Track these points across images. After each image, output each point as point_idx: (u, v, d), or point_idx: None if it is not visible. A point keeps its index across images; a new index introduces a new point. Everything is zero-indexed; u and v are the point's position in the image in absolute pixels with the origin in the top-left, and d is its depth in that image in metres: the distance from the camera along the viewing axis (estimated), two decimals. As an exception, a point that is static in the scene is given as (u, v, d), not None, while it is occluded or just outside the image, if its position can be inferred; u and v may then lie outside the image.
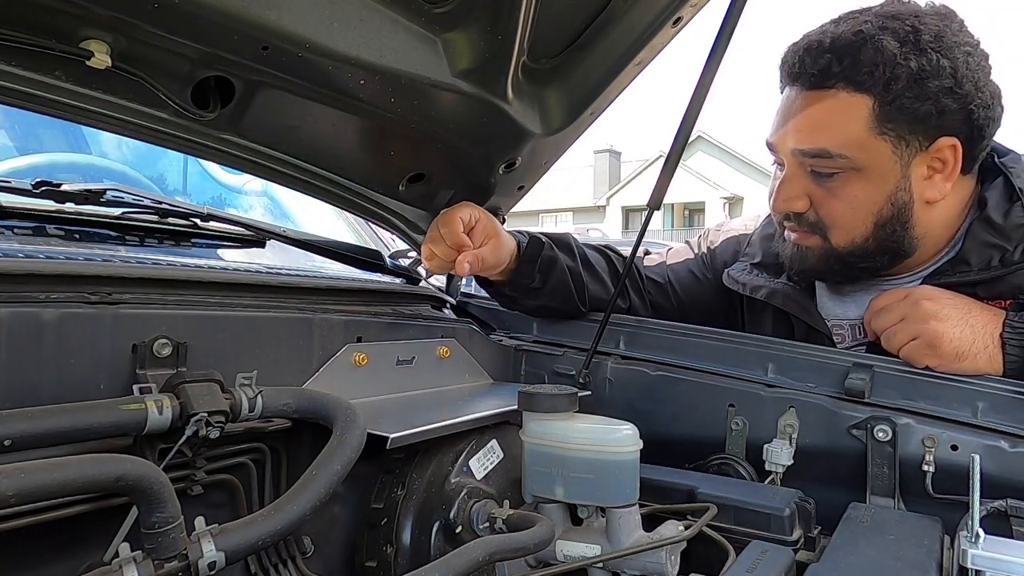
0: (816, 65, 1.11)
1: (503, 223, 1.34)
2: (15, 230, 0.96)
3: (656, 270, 1.48)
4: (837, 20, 1.15)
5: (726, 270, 1.41)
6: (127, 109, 0.86)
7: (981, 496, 0.76)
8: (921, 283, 1.17)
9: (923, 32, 1.08)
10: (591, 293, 1.35)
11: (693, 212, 31.92)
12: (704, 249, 1.51)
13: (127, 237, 1.09)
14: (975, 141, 1.12)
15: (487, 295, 1.43)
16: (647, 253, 1.55)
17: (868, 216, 1.15)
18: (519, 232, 1.32)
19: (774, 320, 1.34)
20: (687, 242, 1.56)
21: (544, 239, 1.31)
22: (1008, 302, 1.11)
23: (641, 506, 0.90)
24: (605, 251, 1.46)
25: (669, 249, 1.58)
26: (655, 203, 1.14)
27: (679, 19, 1.02)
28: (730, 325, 1.34)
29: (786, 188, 1.19)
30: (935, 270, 1.19)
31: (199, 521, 0.66)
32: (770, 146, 1.23)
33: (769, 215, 1.45)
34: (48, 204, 1.01)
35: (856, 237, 1.16)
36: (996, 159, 1.19)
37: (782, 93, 1.21)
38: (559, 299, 1.32)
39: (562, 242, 1.36)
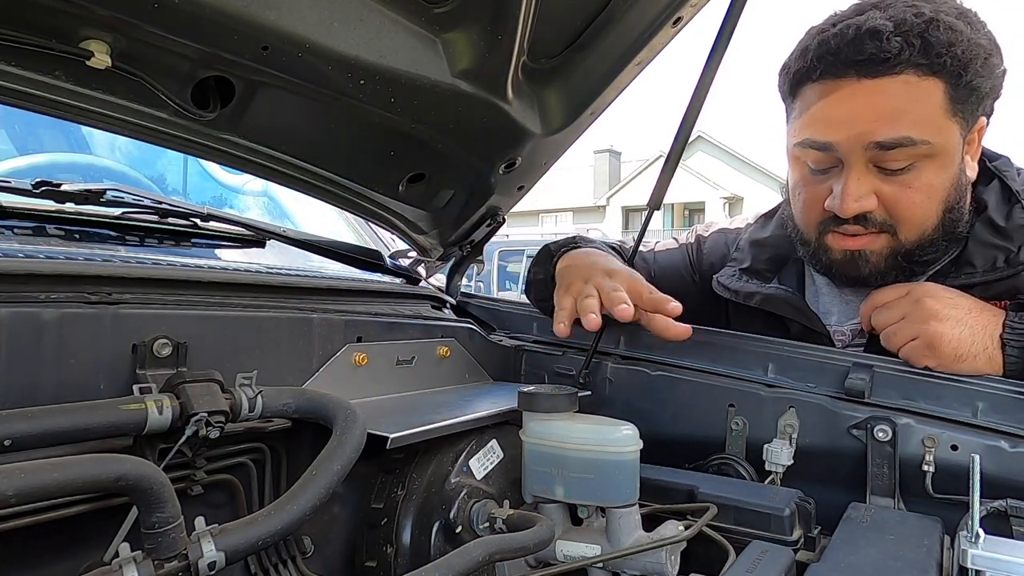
0: (887, 50, 1.04)
1: (503, 223, 1.35)
2: (15, 230, 0.96)
3: (643, 266, 1.48)
4: (877, 5, 1.09)
5: (715, 277, 1.39)
6: (127, 109, 0.86)
7: (981, 496, 0.76)
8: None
9: (969, 13, 1.07)
10: None
11: (693, 212, 31.91)
12: (692, 251, 1.49)
13: (127, 237, 1.09)
14: (989, 119, 1.13)
15: (487, 295, 1.43)
16: None
17: (940, 203, 1.11)
18: (610, 247, 1.31)
19: (763, 325, 1.32)
20: (674, 238, 1.55)
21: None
22: (1005, 302, 1.11)
23: (641, 506, 0.90)
24: (620, 253, 1.45)
25: (657, 243, 1.56)
26: (655, 203, 1.14)
27: (679, 19, 1.02)
28: (716, 326, 1.33)
29: (855, 187, 1.10)
30: (938, 271, 1.18)
31: (199, 521, 0.66)
32: (823, 146, 1.12)
33: (760, 218, 1.45)
34: (48, 204, 1.01)
35: (928, 228, 1.12)
36: (988, 163, 1.19)
37: (804, 88, 1.14)
38: None
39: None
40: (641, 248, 1.50)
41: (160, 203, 1.13)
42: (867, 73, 1.06)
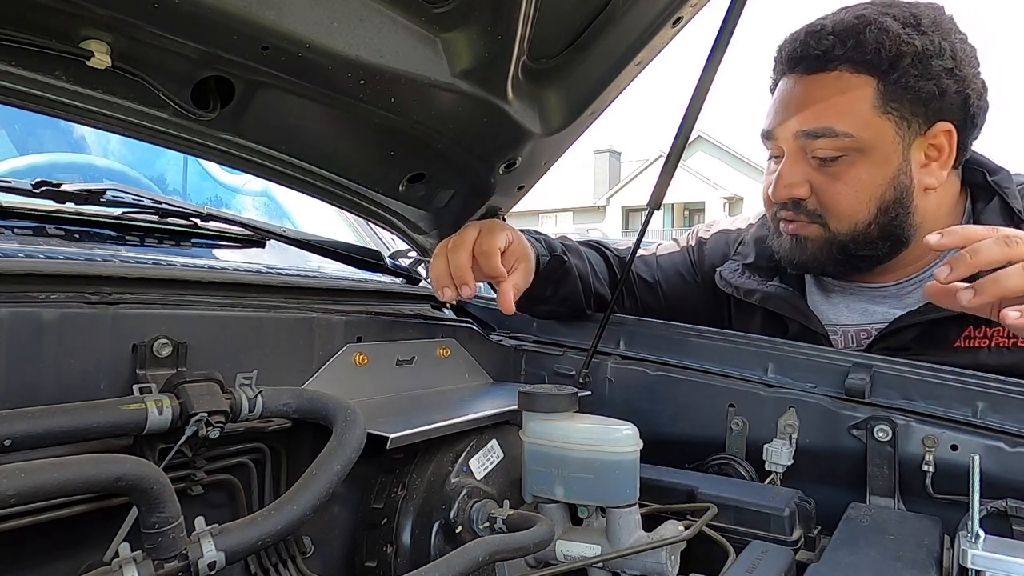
0: (819, 47, 1.13)
1: (503, 223, 1.34)
2: (15, 230, 0.96)
3: (645, 270, 1.48)
4: (834, 12, 1.17)
5: (718, 270, 1.40)
6: (127, 109, 0.85)
7: (981, 496, 0.76)
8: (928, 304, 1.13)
9: (922, 17, 1.11)
10: (596, 296, 1.34)
11: (693, 212, 31.92)
12: (693, 250, 1.50)
13: (127, 237, 1.09)
14: (968, 129, 1.14)
15: (487, 295, 1.43)
16: None
17: (871, 200, 1.14)
18: (534, 238, 1.25)
19: (763, 322, 1.33)
20: (675, 240, 1.55)
21: (564, 255, 1.26)
22: (993, 330, 1.10)
23: (641, 506, 0.90)
24: (602, 250, 1.45)
25: (658, 245, 1.57)
26: (655, 203, 1.14)
27: (679, 19, 1.02)
28: (717, 325, 1.33)
29: (787, 174, 1.18)
30: None
31: (199, 521, 0.66)
32: (768, 135, 1.22)
33: (764, 215, 1.45)
34: (48, 204, 1.01)
35: (858, 223, 1.16)
36: (988, 177, 1.19)
37: (777, 86, 1.22)
38: (567, 306, 1.32)
39: (573, 250, 1.34)
40: (643, 252, 1.51)
41: (160, 203, 1.13)
42: (806, 69, 1.16)
